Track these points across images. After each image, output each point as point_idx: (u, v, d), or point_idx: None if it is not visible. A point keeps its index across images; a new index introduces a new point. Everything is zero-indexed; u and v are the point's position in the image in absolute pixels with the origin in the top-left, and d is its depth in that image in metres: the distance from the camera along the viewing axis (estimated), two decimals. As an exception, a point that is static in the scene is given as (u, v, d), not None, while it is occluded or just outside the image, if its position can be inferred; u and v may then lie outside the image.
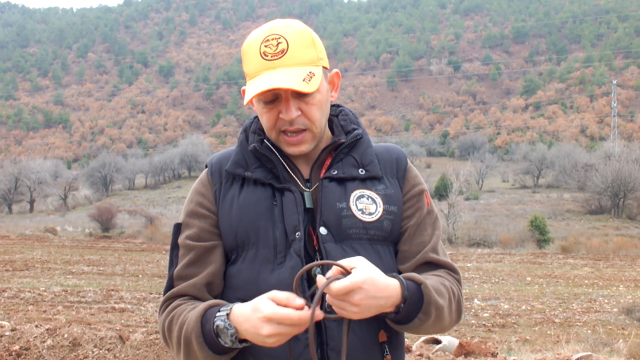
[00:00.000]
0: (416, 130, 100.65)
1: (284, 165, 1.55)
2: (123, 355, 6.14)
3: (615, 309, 12.28)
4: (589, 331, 10.04)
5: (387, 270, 1.53)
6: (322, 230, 1.50)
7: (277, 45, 1.46)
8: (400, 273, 1.55)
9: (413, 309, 1.42)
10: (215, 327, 1.38)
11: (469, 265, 20.48)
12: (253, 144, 1.56)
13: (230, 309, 1.38)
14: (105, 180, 62.53)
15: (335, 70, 1.60)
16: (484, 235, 30.41)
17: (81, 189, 62.18)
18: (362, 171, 1.57)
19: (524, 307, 12.65)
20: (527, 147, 64.33)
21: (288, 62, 1.45)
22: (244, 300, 1.46)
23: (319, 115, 1.51)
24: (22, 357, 6.03)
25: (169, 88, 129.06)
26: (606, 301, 13.40)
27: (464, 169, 38.47)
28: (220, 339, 1.38)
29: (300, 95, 1.48)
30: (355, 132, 1.60)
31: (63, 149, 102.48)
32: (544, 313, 12.04)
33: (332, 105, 1.66)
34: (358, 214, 1.52)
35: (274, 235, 1.50)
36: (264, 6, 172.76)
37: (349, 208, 1.52)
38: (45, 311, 10.71)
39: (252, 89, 1.45)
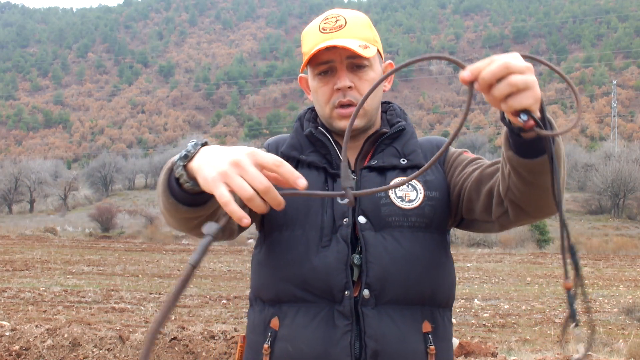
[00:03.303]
0: (416, 130, 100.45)
1: (337, 151, 1.56)
2: (123, 355, 6.15)
3: (615, 309, 12.28)
4: (589, 331, 10.03)
5: (431, 260, 1.50)
6: (361, 219, 1.48)
7: (336, 21, 1.51)
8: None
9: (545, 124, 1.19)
10: (182, 152, 1.16)
11: (469, 265, 20.48)
12: (309, 129, 1.59)
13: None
14: (105, 180, 62.54)
15: (389, 61, 1.62)
16: (484, 235, 30.41)
17: (81, 189, 62.15)
18: (403, 160, 1.56)
19: (524, 307, 12.65)
20: (527, 147, 64.22)
21: (346, 34, 1.49)
22: (287, 280, 1.47)
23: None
24: (22, 357, 6.03)
25: (169, 88, 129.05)
26: (606, 301, 13.40)
27: (464, 169, 38.48)
28: (174, 166, 1.16)
29: (354, 69, 1.51)
30: (399, 123, 1.62)
31: (63, 149, 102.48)
32: (544, 313, 12.04)
33: (383, 103, 1.68)
34: (397, 202, 1.50)
35: (322, 219, 1.49)
36: (264, 6, 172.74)
37: (387, 196, 1.50)
38: (45, 311, 10.71)
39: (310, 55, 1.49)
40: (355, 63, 1.50)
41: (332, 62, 1.50)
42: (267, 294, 1.51)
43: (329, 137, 1.57)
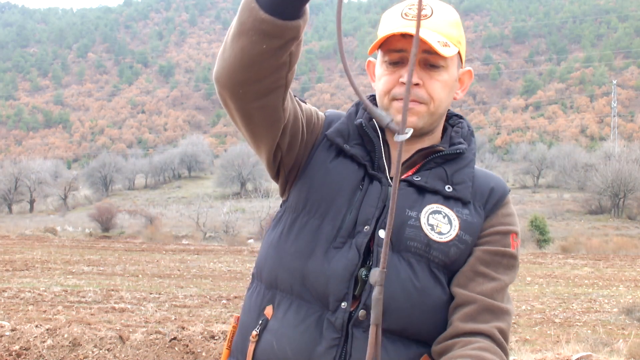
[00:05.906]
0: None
1: (382, 151, 1.42)
2: (123, 355, 6.15)
3: (615, 309, 12.28)
4: (589, 331, 10.03)
5: (440, 301, 1.37)
6: (381, 233, 1.35)
7: (422, 10, 1.37)
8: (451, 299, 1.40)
9: None
10: None
11: (469, 265, 20.49)
12: (360, 119, 1.45)
13: None
14: (105, 180, 62.57)
15: (468, 68, 1.47)
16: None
17: (81, 189, 62.20)
18: (448, 188, 1.40)
19: (524, 307, 12.65)
20: (527, 147, 64.39)
21: (428, 25, 1.34)
22: (288, 269, 1.38)
23: (441, 95, 1.38)
24: (22, 357, 6.03)
25: (169, 88, 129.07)
26: (606, 301, 13.40)
27: (464, 169, 38.51)
28: None
29: (427, 67, 1.37)
30: (459, 145, 1.44)
31: (63, 149, 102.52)
32: (544, 313, 12.04)
33: (455, 115, 1.54)
34: (426, 228, 1.35)
35: (344, 217, 1.37)
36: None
37: (417, 219, 1.36)
38: (45, 311, 10.71)
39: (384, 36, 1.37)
40: (430, 60, 1.35)
41: (405, 52, 1.35)
42: (267, 276, 1.42)
43: (379, 134, 1.44)
